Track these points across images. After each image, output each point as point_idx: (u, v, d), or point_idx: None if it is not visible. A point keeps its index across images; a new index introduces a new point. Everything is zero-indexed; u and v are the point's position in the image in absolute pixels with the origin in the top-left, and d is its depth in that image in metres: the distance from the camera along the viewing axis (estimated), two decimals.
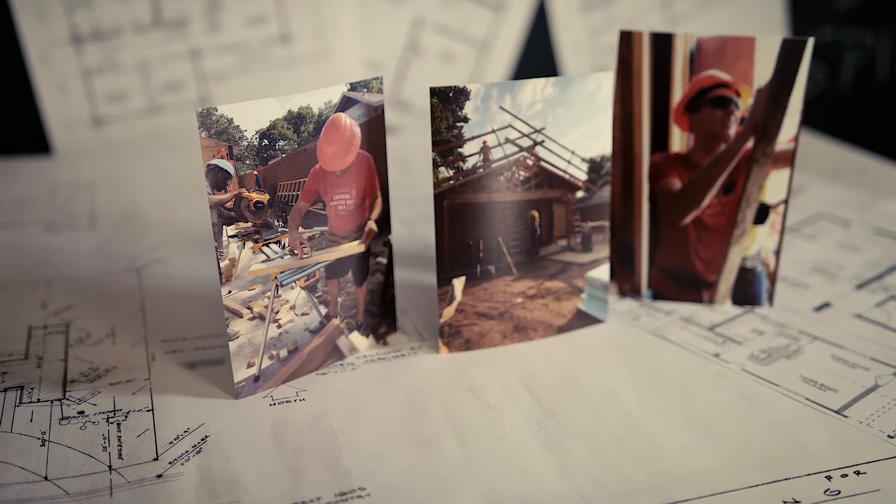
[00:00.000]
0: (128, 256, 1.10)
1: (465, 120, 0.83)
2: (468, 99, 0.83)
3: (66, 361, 0.86)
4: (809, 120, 1.65)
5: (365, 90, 0.83)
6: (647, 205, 0.97)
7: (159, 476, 0.71)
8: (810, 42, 0.89)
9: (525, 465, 0.73)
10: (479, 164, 0.86)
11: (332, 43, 1.64)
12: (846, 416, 0.79)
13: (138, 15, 1.50)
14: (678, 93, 0.93)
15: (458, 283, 0.88)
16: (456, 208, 0.86)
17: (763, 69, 0.91)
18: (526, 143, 0.86)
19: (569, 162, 0.89)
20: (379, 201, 0.87)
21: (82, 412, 0.78)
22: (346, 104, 0.82)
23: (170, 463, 0.72)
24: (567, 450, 0.75)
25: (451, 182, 0.85)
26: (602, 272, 0.94)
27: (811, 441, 0.76)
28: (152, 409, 0.79)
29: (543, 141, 0.87)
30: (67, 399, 0.80)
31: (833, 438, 0.76)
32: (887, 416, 0.79)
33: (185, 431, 0.76)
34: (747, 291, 0.98)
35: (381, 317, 0.91)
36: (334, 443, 0.75)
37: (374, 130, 0.85)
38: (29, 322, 0.93)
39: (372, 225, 0.87)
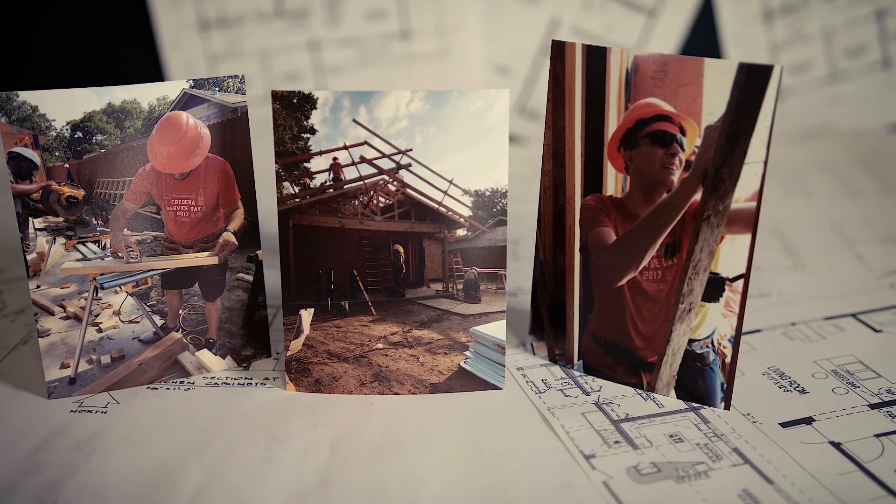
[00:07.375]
0: None
1: (312, 131, 0.73)
2: (315, 107, 0.72)
3: None
4: None
5: (216, 89, 0.76)
6: (578, 256, 0.79)
7: None
8: (777, 70, 0.66)
9: None
10: (328, 183, 0.74)
11: (454, 42, 1.55)
12: None
13: (261, 4, 1.52)
14: (613, 122, 0.74)
15: (307, 315, 0.77)
16: (303, 230, 0.75)
17: (714, 102, 0.69)
18: (388, 164, 0.73)
19: (445, 193, 0.74)
20: (239, 212, 0.79)
21: None
22: (187, 102, 0.75)
23: None
24: None
25: (297, 200, 0.75)
26: (495, 329, 0.77)
27: None
28: None
29: (410, 164, 0.73)
30: None
31: None
32: None
33: None
34: (696, 384, 0.76)
35: (245, 338, 0.83)
36: (77, 467, 0.69)
37: (234, 134, 0.77)
38: None
39: (229, 237, 0.79)
